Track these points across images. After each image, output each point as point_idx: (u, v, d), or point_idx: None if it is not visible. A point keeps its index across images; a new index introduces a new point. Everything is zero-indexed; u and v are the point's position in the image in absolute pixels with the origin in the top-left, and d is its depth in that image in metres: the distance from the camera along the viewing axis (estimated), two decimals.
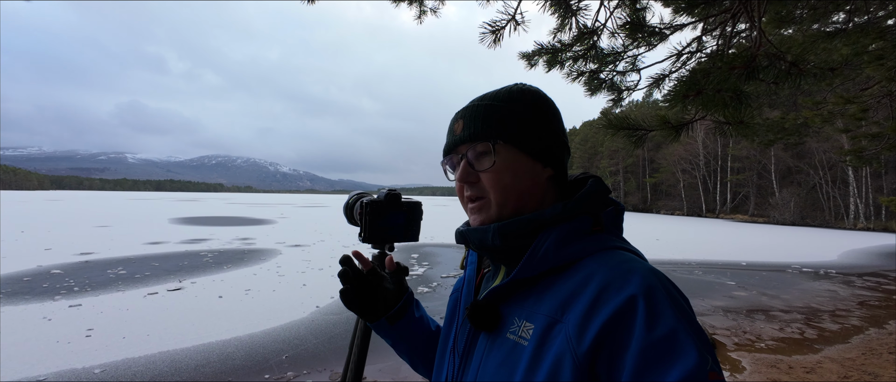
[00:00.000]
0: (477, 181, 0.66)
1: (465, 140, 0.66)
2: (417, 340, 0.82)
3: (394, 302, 0.79)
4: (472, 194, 0.67)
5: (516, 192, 0.65)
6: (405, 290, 0.82)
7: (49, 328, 5.20)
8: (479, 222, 0.66)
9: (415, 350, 0.83)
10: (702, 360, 0.46)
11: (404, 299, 0.81)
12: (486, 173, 0.65)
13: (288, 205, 53.01)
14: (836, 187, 34.30)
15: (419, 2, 2.73)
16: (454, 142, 0.68)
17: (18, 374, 3.92)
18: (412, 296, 0.83)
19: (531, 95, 0.69)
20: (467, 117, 0.67)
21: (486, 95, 0.70)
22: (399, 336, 0.81)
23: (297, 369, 4.21)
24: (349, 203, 0.89)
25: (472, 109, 0.68)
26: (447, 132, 0.72)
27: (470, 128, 0.66)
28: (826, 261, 12.95)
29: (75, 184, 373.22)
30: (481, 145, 0.65)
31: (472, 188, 0.67)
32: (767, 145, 6.19)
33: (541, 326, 0.56)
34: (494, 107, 0.67)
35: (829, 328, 6.00)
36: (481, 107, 0.67)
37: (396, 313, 0.79)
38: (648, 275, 0.53)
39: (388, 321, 0.79)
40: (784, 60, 1.44)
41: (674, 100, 1.56)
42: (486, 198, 0.66)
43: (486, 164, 0.65)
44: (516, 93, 0.69)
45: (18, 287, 7.19)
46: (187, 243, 13.60)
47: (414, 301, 0.83)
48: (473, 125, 0.66)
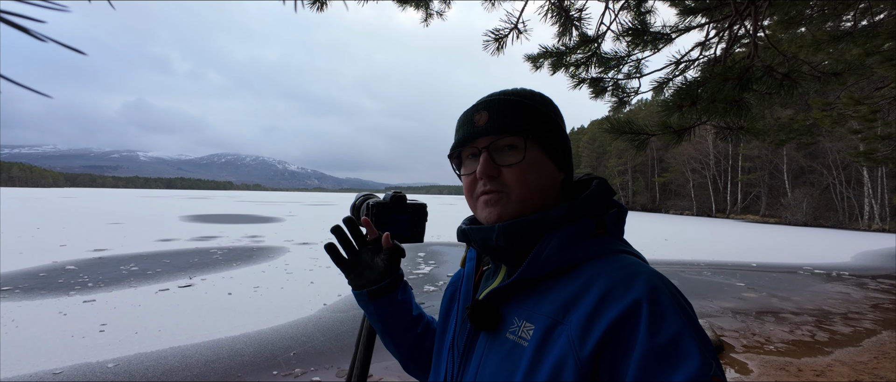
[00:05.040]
0: (497, 176, 0.64)
1: (490, 132, 0.64)
2: (393, 322, 0.82)
3: (380, 279, 0.79)
4: (490, 188, 0.64)
5: (539, 191, 0.64)
6: (395, 271, 0.81)
7: (64, 322, 5.34)
8: (495, 215, 0.64)
9: (389, 330, 0.83)
10: (705, 364, 0.46)
11: (390, 279, 0.80)
12: (510, 168, 0.63)
13: (296, 203, 53.43)
14: (851, 187, 33.61)
15: (425, 5, 2.76)
16: (474, 133, 0.65)
17: (36, 367, 4.04)
18: (400, 279, 0.83)
19: (548, 98, 0.69)
20: (494, 110, 0.65)
21: (506, 91, 0.68)
22: (376, 312, 0.81)
23: (305, 365, 4.28)
24: (356, 205, 0.91)
25: (498, 103, 0.65)
26: (462, 125, 0.68)
27: (497, 120, 0.64)
28: (839, 263, 12.72)
29: (89, 181, 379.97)
30: (510, 139, 0.63)
31: (490, 183, 0.64)
32: (779, 144, 6.11)
33: (542, 327, 0.56)
34: (523, 103, 0.65)
35: (841, 330, 5.92)
36: (509, 102, 0.65)
37: (379, 290, 0.79)
38: (653, 279, 0.53)
39: (370, 295, 0.79)
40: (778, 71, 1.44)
41: (669, 110, 1.57)
42: (505, 192, 0.63)
43: (512, 158, 0.63)
44: (537, 94, 0.68)
45: (35, 283, 7.38)
46: (197, 240, 13.81)
47: (401, 285, 0.83)
48: (501, 118, 0.64)
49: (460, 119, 0.69)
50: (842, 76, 1.83)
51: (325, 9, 2.53)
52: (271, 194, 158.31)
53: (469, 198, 0.69)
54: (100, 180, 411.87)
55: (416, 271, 9.28)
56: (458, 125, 0.70)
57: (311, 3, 2.50)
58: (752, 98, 1.54)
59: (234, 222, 21.81)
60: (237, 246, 12.60)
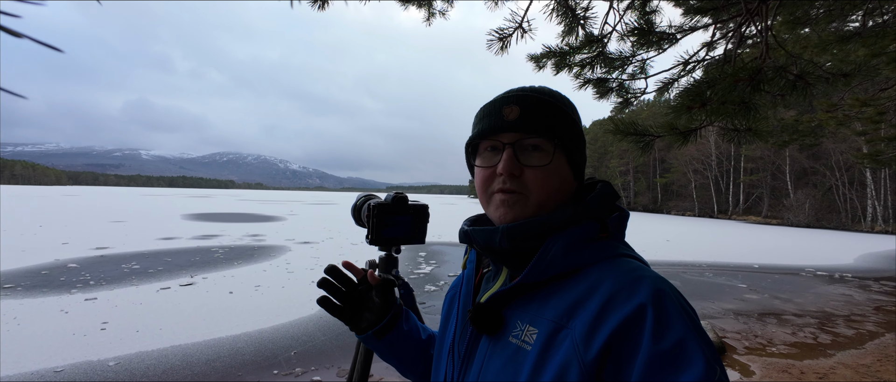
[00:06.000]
0: (519, 175, 0.62)
1: (519, 129, 0.61)
2: (405, 353, 0.82)
3: (380, 318, 0.78)
4: (509, 187, 0.62)
5: (556, 198, 0.63)
6: (392, 304, 0.80)
7: (66, 320, 5.34)
8: (510, 217, 0.62)
9: (403, 362, 0.83)
10: (710, 369, 0.46)
11: (391, 314, 0.79)
12: (534, 169, 0.61)
13: (297, 202, 53.52)
14: (854, 188, 33.49)
15: (428, 4, 2.74)
16: (501, 126, 0.62)
17: (37, 365, 4.04)
18: (400, 310, 0.82)
19: (574, 105, 0.67)
20: (526, 106, 0.62)
21: (537, 88, 0.66)
22: (387, 350, 0.80)
23: (306, 365, 4.27)
24: (357, 205, 0.91)
25: (531, 100, 0.63)
26: (487, 114, 0.65)
27: (529, 118, 0.62)
28: (842, 264, 12.67)
29: (91, 180, 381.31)
30: (538, 140, 0.62)
31: (511, 182, 0.62)
32: (782, 146, 6.07)
33: (545, 331, 0.55)
34: (556, 106, 0.64)
35: (844, 333, 5.89)
36: (544, 101, 0.63)
37: (383, 327, 0.78)
38: (657, 284, 0.53)
39: (376, 335, 0.78)
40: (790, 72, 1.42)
41: (677, 111, 1.55)
42: (524, 194, 0.62)
43: (538, 160, 0.62)
44: (567, 99, 0.67)
45: (37, 280, 7.39)
46: (199, 239, 13.83)
47: (403, 314, 0.82)
48: (534, 117, 0.62)
49: (485, 108, 0.67)
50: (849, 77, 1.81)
51: (327, 7, 2.52)
52: (273, 192, 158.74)
53: (482, 193, 0.66)
54: (102, 178, 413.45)
55: (417, 270, 9.27)
56: (481, 114, 0.67)
57: (313, 2, 2.49)
58: (762, 99, 1.52)
59: (235, 220, 21.85)
60: (238, 245, 12.62)
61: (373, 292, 0.80)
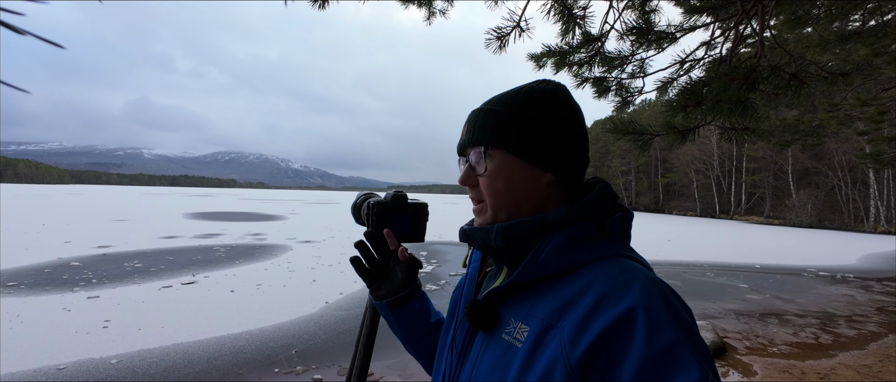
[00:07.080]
0: (476, 184, 0.68)
1: (466, 144, 0.69)
2: (410, 330, 0.87)
3: (398, 290, 0.84)
4: (474, 196, 0.70)
5: (510, 198, 0.65)
6: (412, 282, 0.85)
7: (68, 318, 5.37)
8: (479, 223, 0.69)
9: (407, 338, 0.88)
10: (703, 375, 0.45)
11: (408, 290, 0.84)
12: (481, 178, 0.67)
13: (299, 201, 53.59)
14: (856, 188, 33.36)
15: (428, 4, 2.75)
16: (460, 144, 0.71)
17: (39, 362, 4.07)
18: (417, 290, 0.87)
19: (541, 96, 0.66)
20: (469, 122, 0.69)
21: (493, 98, 0.70)
22: (396, 322, 0.86)
23: (306, 363, 4.29)
24: (357, 204, 0.92)
25: (473, 114, 0.70)
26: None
27: (472, 132, 0.68)
28: (844, 265, 12.64)
29: (94, 178, 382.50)
30: (475, 151, 0.67)
31: (473, 192, 0.70)
32: (784, 146, 6.06)
33: (536, 329, 0.56)
34: (493, 112, 0.67)
35: (845, 333, 5.87)
36: (481, 112, 0.68)
37: (397, 300, 0.84)
38: (649, 286, 0.52)
39: (389, 305, 0.84)
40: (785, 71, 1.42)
41: (674, 110, 1.55)
42: (484, 201, 0.68)
43: (480, 169, 0.67)
44: (524, 95, 0.67)
45: (40, 279, 7.43)
46: (201, 237, 13.87)
47: (418, 295, 0.87)
48: (474, 130, 0.68)
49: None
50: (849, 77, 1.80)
51: (327, 6, 2.52)
52: (274, 192, 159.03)
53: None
54: (104, 177, 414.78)
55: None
56: None
57: (313, 2, 2.49)
58: (759, 98, 1.52)
59: (237, 219, 21.90)
60: (240, 244, 12.65)
61: (399, 267, 0.84)
